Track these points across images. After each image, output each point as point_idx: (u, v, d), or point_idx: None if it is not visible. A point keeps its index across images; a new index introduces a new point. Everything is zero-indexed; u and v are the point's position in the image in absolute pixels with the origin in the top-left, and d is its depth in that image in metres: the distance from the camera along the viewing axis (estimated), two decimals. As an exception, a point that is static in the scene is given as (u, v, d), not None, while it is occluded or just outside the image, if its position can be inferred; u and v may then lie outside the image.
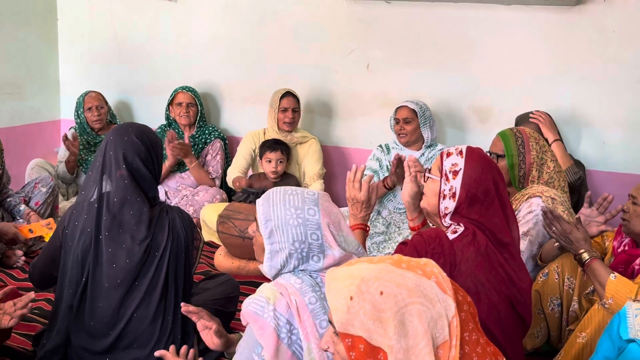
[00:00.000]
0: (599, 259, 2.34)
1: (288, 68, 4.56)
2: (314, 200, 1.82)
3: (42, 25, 5.03)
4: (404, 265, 1.29)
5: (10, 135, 4.62)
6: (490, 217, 2.01)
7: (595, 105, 3.93)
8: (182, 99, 4.49)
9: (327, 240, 1.78)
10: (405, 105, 3.93)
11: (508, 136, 2.87)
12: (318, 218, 1.79)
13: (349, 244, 1.84)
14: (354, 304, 1.24)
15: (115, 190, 2.29)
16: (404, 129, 3.91)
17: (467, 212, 2.02)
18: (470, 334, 1.28)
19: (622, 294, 2.19)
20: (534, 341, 2.69)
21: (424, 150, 3.97)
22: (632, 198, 2.46)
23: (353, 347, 1.23)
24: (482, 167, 2.04)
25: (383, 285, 1.25)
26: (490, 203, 2.02)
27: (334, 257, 1.79)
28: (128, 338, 2.29)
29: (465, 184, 2.02)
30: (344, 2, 4.35)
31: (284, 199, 1.80)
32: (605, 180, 3.94)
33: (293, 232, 1.77)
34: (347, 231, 1.85)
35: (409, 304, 1.23)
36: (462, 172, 2.04)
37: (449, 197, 2.06)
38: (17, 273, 3.41)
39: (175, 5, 4.82)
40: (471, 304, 1.33)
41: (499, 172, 2.09)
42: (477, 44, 4.11)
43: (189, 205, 4.24)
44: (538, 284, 2.62)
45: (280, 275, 1.83)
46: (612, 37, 3.81)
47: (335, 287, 1.29)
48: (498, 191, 2.03)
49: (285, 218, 1.78)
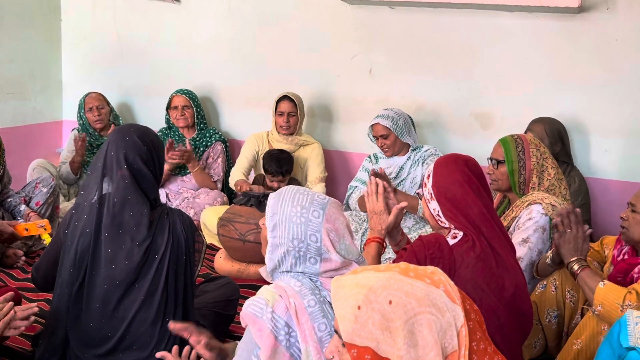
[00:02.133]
0: (589, 268, 2.36)
1: (290, 72, 4.56)
2: (322, 204, 1.84)
3: (45, 26, 5.03)
4: (412, 274, 1.28)
5: (12, 136, 4.62)
6: (470, 209, 2.08)
7: (596, 113, 3.93)
8: (177, 102, 4.50)
9: (325, 244, 1.79)
10: (377, 123, 3.86)
11: (508, 142, 2.88)
12: (321, 221, 1.80)
13: (350, 253, 1.85)
14: (362, 313, 1.23)
15: (116, 191, 2.28)
16: (384, 144, 3.90)
17: (449, 207, 2.11)
18: (478, 343, 1.27)
19: (611, 301, 2.20)
20: (531, 351, 2.69)
21: (409, 154, 3.96)
22: (631, 206, 2.46)
23: (359, 357, 1.22)
24: (447, 164, 2.18)
25: (392, 294, 1.23)
26: (464, 193, 2.10)
27: (330, 262, 1.80)
28: (128, 340, 2.29)
29: (435, 182, 2.16)
30: (347, 6, 4.36)
31: (294, 197, 1.84)
32: (606, 188, 3.94)
33: (294, 230, 1.79)
34: (349, 241, 1.86)
35: (419, 313, 1.22)
36: (432, 173, 2.19)
37: (431, 199, 2.18)
38: (17, 273, 3.41)
39: (178, 7, 4.83)
40: (478, 313, 1.32)
41: (469, 166, 2.16)
42: (480, 51, 4.12)
43: (190, 208, 4.24)
44: (535, 295, 2.62)
45: (278, 272, 1.85)
46: (615, 45, 3.82)
47: (343, 295, 1.27)
48: (470, 182, 2.11)
49: (290, 214, 1.81)
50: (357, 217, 3.85)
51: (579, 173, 3.78)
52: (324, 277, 1.83)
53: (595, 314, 2.25)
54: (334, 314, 1.28)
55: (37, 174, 4.24)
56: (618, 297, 2.19)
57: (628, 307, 2.15)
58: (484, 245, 2.00)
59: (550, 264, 2.57)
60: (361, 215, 3.87)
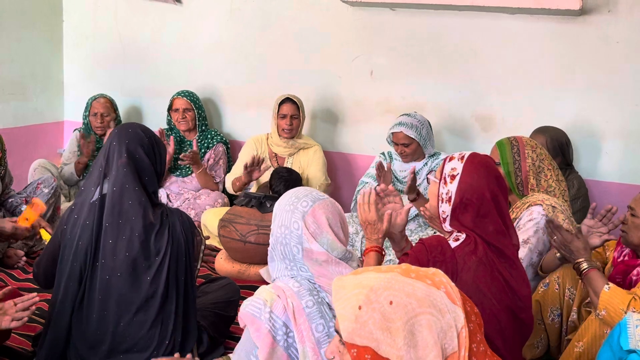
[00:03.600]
0: (597, 269, 2.34)
1: (291, 73, 4.57)
2: (315, 198, 1.91)
3: (47, 27, 5.04)
4: (413, 275, 1.28)
5: (14, 136, 4.63)
6: (487, 225, 2.00)
7: (597, 116, 3.93)
8: (179, 105, 4.49)
9: (304, 233, 1.85)
10: (400, 131, 3.78)
11: (504, 144, 2.90)
12: (306, 211, 1.87)
13: (333, 249, 1.89)
14: (363, 313, 1.23)
15: (115, 179, 2.28)
16: (404, 151, 3.85)
17: (463, 218, 2.02)
18: (478, 345, 1.27)
19: (615, 306, 2.19)
20: (533, 352, 2.68)
21: (426, 159, 3.93)
22: (630, 210, 2.46)
23: (359, 357, 1.22)
24: (479, 174, 2.03)
25: (392, 294, 1.23)
26: (486, 211, 2.01)
27: (311, 251, 1.85)
28: (128, 342, 2.29)
29: (460, 189, 2.03)
30: (348, 8, 4.36)
31: (297, 190, 1.95)
32: (606, 191, 3.94)
33: (282, 217, 1.89)
34: (332, 237, 1.89)
35: (419, 314, 1.22)
36: (458, 177, 2.04)
37: (446, 201, 2.07)
38: (18, 273, 3.42)
39: (180, 8, 4.83)
40: (478, 315, 1.32)
41: (499, 182, 2.07)
42: (481, 53, 4.12)
43: (191, 209, 4.24)
44: (539, 294, 2.62)
45: (275, 267, 1.90)
46: (616, 47, 3.82)
47: (343, 295, 1.27)
48: (496, 200, 2.02)
49: (284, 204, 1.91)
50: (358, 219, 3.83)
51: (578, 176, 3.78)
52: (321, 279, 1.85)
53: (599, 317, 2.25)
54: (335, 313, 1.28)
55: (38, 174, 4.24)
56: (622, 302, 2.18)
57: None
58: (486, 249, 1.99)
59: (561, 259, 2.55)
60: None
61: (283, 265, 1.88)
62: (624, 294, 2.22)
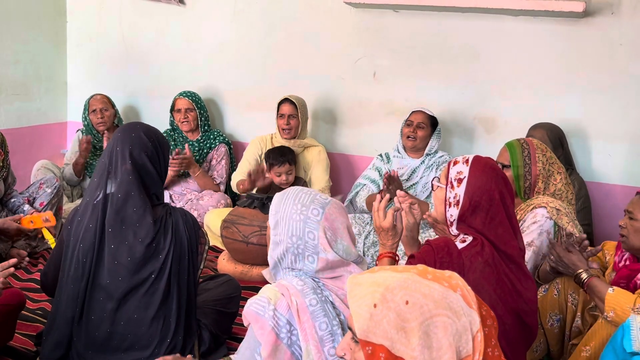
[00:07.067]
0: (596, 277, 2.36)
1: (294, 75, 4.57)
2: (323, 203, 1.86)
3: (51, 27, 5.05)
4: (429, 276, 1.27)
5: (17, 136, 4.64)
6: (495, 227, 2.00)
7: (601, 118, 3.93)
8: (181, 105, 4.50)
9: (321, 243, 1.82)
10: (421, 110, 3.94)
11: (515, 147, 2.87)
12: (319, 219, 1.83)
13: (348, 254, 1.87)
14: (378, 311, 1.22)
15: (119, 186, 2.28)
16: (415, 132, 3.92)
17: (471, 221, 2.02)
18: (493, 350, 1.27)
19: (622, 305, 2.20)
20: (532, 355, 2.67)
21: (424, 158, 3.97)
22: (628, 213, 2.46)
23: (373, 355, 1.22)
24: (487, 176, 2.03)
25: (409, 294, 1.23)
26: (495, 212, 2.01)
27: (326, 260, 1.82)
28: (130, 339, 2.29)
29: (468, 192, 2.03)
30: (351, 10, 4.36)
31: (296, 195, 1.88)
32: (610, 193, 3.94)
33: (293, 227, 1.84)
34: (348, 242, 1.88)
35: (435, 315, 1.21)
36: (466, 180, 2.04)
37: (454, 205, 2.06)
38: (21, 273, 3.42)
39: (183, 10, 4.84)
40: (494, 319, 1.31)
41: (506, 183, 2.07)
42: (484, 55, 4.12)
43: (193, 210, 4.24)
44: (538, 298, 2.61)
45: (280, 270, 1.88)
46: (620, 49, 3.82)
47: (359, 293, 1.27)
48: (504, 201, 2.02)
49: (290, 212, 1.85)
50: (360, 219, 3.84)
51: (579, 177, 3.78)
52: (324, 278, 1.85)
53: (607, 320, 2.24)
54: (350, 311, 1.28)
55: (41, 174, 4.24)
56: (629, 301, 2.19)
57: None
58: (493, 251, 1.98)
59: (551, 271, 2.57)
60: (364, 218, 3.87)
61: (288, 267, 1.88)
62: (629, 294, 2.24)
